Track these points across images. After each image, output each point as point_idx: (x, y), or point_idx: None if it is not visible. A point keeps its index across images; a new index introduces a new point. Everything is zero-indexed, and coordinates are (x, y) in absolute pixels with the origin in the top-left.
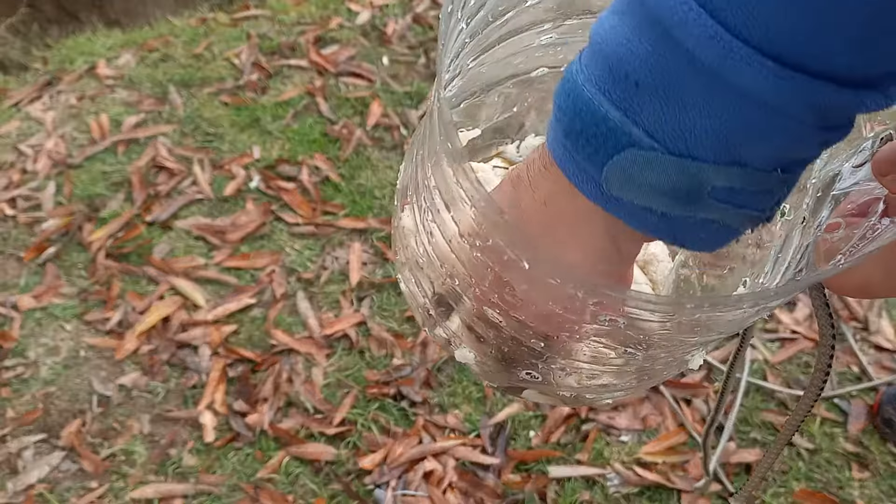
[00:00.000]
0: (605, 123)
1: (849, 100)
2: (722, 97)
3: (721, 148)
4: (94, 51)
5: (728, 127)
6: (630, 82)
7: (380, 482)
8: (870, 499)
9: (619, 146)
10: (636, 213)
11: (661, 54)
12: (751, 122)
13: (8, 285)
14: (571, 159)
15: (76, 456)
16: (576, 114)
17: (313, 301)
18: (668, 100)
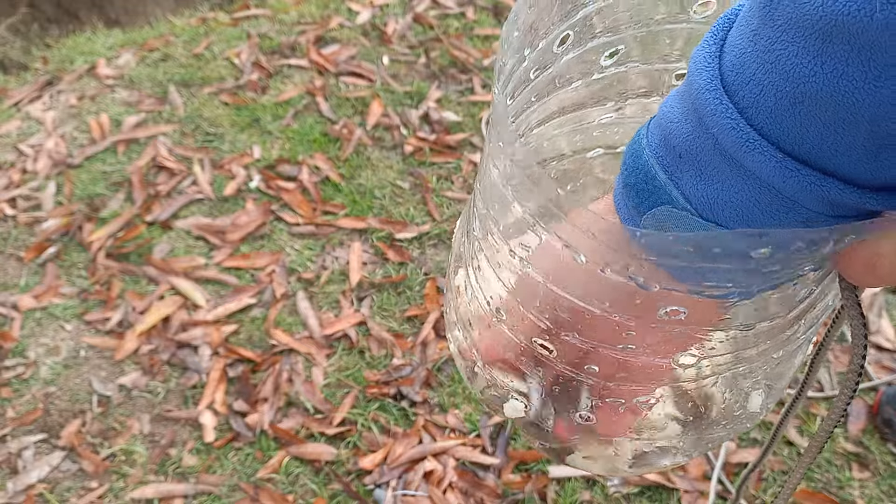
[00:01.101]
0: (652, 182)
1: (857, 198)
2: (739, 179)
3: (741, 221)
4: (94, 50)
5: (745, 205)
6: (675, 153)
7: (380, 482)
8: (870, 499)
9: (660, 202)
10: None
11: (697, 136)
12: (764, 203)
13: (8, 285)
14: (624, 205)
15: (76, 456)
16: (633, 169)
17: (313, 301)
18: (700, 173)
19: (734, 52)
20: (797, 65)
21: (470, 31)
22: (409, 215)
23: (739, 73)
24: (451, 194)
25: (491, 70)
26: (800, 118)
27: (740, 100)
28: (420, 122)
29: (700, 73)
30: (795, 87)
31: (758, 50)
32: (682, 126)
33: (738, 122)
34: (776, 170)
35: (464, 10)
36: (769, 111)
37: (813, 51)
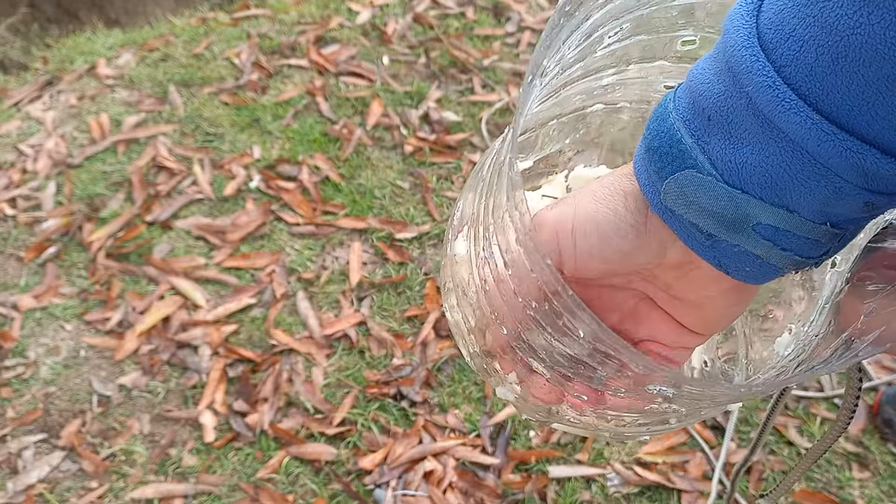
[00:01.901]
0: (677, 146)
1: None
2: (771, 140)
3: (768, 187)
4: (94, 50)
5: (775, 169)
6: (704, 116)
7: (380, 482)
8: (870, 499)
9: (683, 167)
10: (686, 227)
11: (730, 95)
12: (794, 168)
13: (8, 285)
14: (645, 170)
15: (76, 456)
16: (658, 133)
17: (313, 301)
18: (729, 135)
19: (773, 7)
20: (841, 17)
21: (470, 31)
22: (409, 215)
23: (778, 30)
24: (451, 194)
25: (491, 70)
26: (841, 76)
27: (778, 57)
28: (420, 122)
29: (737, 31)
30: (839, 40)
31: (798, 4)
32: (713, 86)
33: (774, 81)
34: (811, 132)
35: (464, 10)
36: (808, 69)
37: (859, 0)
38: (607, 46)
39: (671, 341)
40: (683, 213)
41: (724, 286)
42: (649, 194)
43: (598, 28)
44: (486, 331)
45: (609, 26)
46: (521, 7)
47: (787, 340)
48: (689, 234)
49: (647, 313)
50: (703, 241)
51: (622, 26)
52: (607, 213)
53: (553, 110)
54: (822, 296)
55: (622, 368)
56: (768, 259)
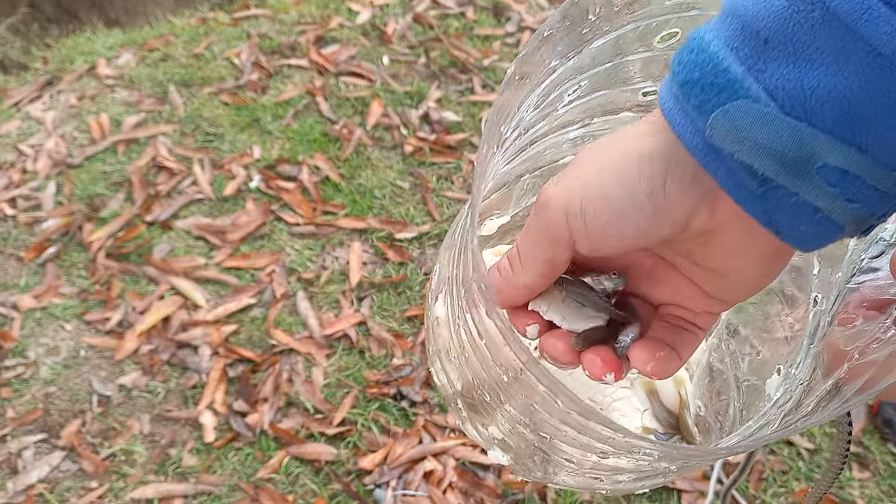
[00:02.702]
0: (724, 75)
1: None
2: (853, 54)
3: (841, 119)
4: (94, 50)
5: (853, 93)
6: (760, 39)
7: (380, 482)
8: (870, 499)
9: (734, 98)
10: (734, 173)
11: (797, 10)
12: (878, 88)
13: (8, 285)
14: (680, 109)
15: (76, 456)
16: (696, 65)
17: (313, 301)
18: (795, 56)
19: None
20: None
21: (470, 31)
22: (409, 215)
23: None
24: (451, 194)
25: (491, 70)
26: None
27: None
28: (420, 122)
29: None
30: None
31: None
32: (771, 4)
33: None
34: None
35: (464, 10)
36: None
37: None
38: (569, 104)
39: (695, 306)
40: (735, 151)
41: (752, 255)
42: (687, 135)
43: (555, 88)
44: (473, 393)
45: (567, 85)
46: (521, 7)
47: (777, 382)
48: (738, 181)
49: (666, 275)
50: (755, 188)
51: (580, 84)
52: (619, 184)
53: (524, 165)
54: (805, 335)
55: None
56: (829, 213)
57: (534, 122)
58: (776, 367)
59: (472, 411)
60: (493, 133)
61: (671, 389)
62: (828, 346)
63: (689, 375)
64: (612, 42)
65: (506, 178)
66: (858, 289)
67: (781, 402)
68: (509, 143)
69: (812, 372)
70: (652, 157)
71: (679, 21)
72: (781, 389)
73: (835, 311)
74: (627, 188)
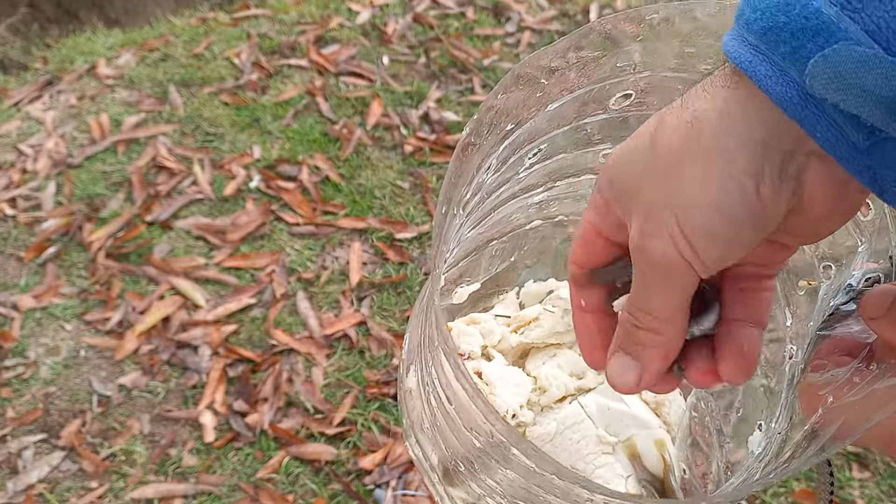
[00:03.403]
0: (816, 17)
1: None
2: None
3: None
4: (94, 50)
5: None
6: None
7: (380, 482)
8: (870, 499)
9: (832, 41)
10: (837, 126)
11: None
12: None
13: (8, 285)
14: (765, 60)
15: (76, 456)
16: (779, 9)
17: (313, 301)
18: None
19: None
20: None
21: (470, 31)
22: (409, 215)
23: None
24: None
25: (491, 70)
26: None
27: None
28: (420, 122)
29: None
30: None
31: None
32: None
33: None
34: None
35: (464, 10)
36: None
37: None
38: (530, 167)
39: (768, 261)
40: (840, 100)
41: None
42: (778, 88)
43: (514, 151)
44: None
45: (526, 148)
46: (521, 7)
47: (759, 438)
48: (840, 135)
49: None
50: (861, 142)
51: (539, 147)
52: (722, 218)
53: (490, 231)
54: (782, 388)
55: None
56: None
57: (495, 185)
58: (757, 424)
59: (449, 484)
60: (449, 195)
61: (654, 453)
62: (802, 392)
63: (672, 438)
64: (568, 105)
65: (473, 244)
66: (829, 335)
67: (762, 455)
68: (472, 206)
69: (789, 420)
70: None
71: (631, 82)
72: (763, 444)
73: (807, 358)
74: (729, 219)
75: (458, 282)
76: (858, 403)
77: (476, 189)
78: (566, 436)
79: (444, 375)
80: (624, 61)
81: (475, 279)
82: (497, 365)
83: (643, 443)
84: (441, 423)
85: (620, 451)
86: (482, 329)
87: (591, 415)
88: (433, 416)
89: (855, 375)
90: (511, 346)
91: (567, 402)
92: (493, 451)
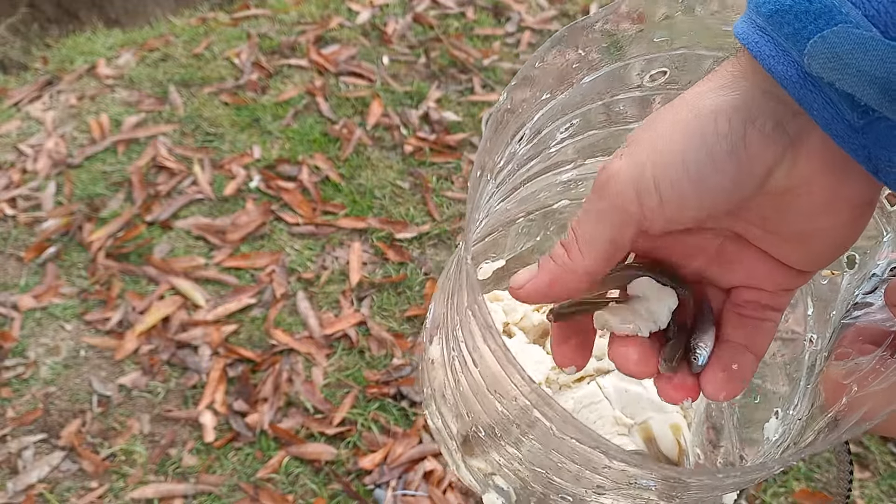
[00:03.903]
0: (819, 2)
1: None
2: None
3: None
4: (94, 50)
5: None
6: None
7: (380, 482)
8: (870, 499)
9: (832, 24)
10: (833, 104)
11: None
12: None
13: (8, 285)
14: (770, 41)
15: (76, 456)
16: None
17: (313, 301)
18: None
19: None
20: None
21: (470, 31)
22: (409, 215)
23: None
24: (451, 194)
25: (491, 70)
26: None
27: None
28: (420, 122)
29: None
30: None
31: None
32: None
33: None
34: None
35: (464, 10)
36: None
37: None
38: (561, 142)
39: (771, 285)
40: (836, 79)
41: (839, 210)
42: (780, 67)
43: (547, 122)
44: (468, 431)
45: (559, 122)
46: (521, 7)
47: (775, 425)
48: (836, 113)
49: (737, 254)
50: (856, 120)
51: (572, 122)
52: (696, 146)
53: (517, 208)
54: (801, 375)
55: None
56: None
57: (527, 157)
58: (774, 411)
59: (468, 452)
60: (483, 161)
61: (670, 437)
62: (825, 379)
63: (688, 423)
64: (602, 79)
65: (501, 218)
66: (854, 324)
67: (780, 441)
68: (503, 175)
69: (810, 408)
70: (728, 111)
71: (667, 59)
72: (780, 430)
73: (831, 346)
74: (704, 150)
75: (484, 257)
76: (883, 392)
77: (509, 158)
78: (583, 415)
79: (471, 338)
80: (661, 37)
81: (500, 256)
82: (518, 342)
83: (659, 426)
84: (465, 388)
85: (636, 434)
86: (505, 306)
87: (608, 396)
88: (456, 382)
89: (879, 364)
90: (533, 325)
91: (585, 383)
92: (516, 414)
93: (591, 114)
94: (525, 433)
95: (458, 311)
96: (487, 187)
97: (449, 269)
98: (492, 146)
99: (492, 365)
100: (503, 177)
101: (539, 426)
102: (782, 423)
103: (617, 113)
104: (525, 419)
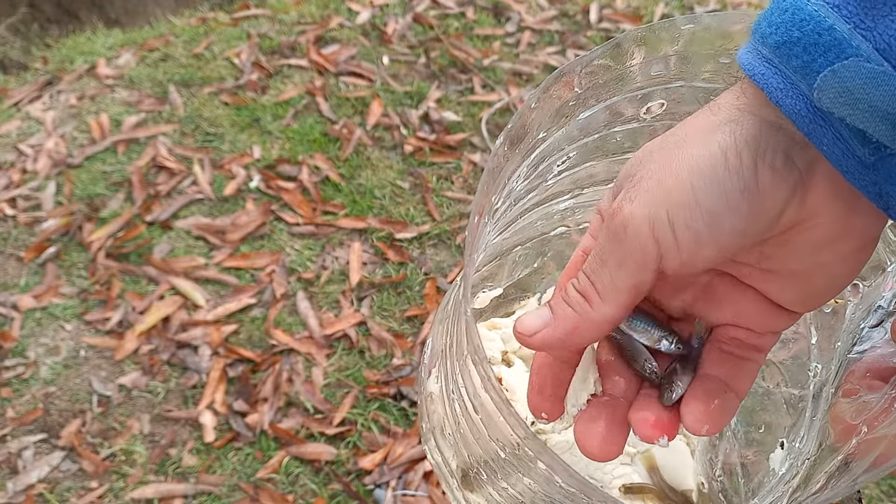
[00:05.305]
0: (829, 34)
1: None
2: None
3: None
4: (94, 50)
5: None
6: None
7: (380, 482)
8: (870, 499)
9: (842, 57)
10: (843, 140)
11: None
12: None
13: (8, 285)
14: (777, 73)
15: (76, 456)
16: (794, 24)
17: (313, 301)
18: None
19: None
20: None
21: (470, 31)
22: (409, 215)
23: None
24: (451, 194)
25: (491, 70)
26: None
27: None
28: (420, 122)
29: None
30: None
31: None
32: None
33: None
34: None
35: (464, 10)
36: None
37: None
38: (558, 175)
39: (759, 325)
40: (847, 115)
41: (843, 246)
42: (788, 100)
43: (544, 159)
44: (469, 471)
45: (556, 156)
46: (521, 7)
47: (782, 456)
48: (846, 149)
49: (726, 291)
50: (867, 156)
51: (569, 155)
52: (707, 186)
53: (515, 238)
54: (807, 406)
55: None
56: None
57: (524, 192)
58: (779, 441)
59: (467, 488)
60: (482, 203)
61: (673, 466)
62: (834, 418)
63: (692, 451)
64: (599, 113)
65: (498, 249)
66: (861, 358)
67: (788, 477)
68: (500, 213)
69: (819, 446)
70: (738, 147)
71: (664, 92)
72: (787, 464)
73: (838, 381)
74: (717, 188)
75: (481, 286)
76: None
77: (506, 196)
78: None
79: (471, 384)
80: (657, 70)
81: (498, 284)
82: (517, 371)
83: (662, 455)
84: (465, 430)
85: (639, 462)
86: (503, 334)
87: None
88: (456, 423)
89: (889, 403)
90: (531, 353)
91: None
92: (517, 462)
93: (588, 147)
94: (527, 478)
95: (457, 355)
96: (485, 229)
97: (447, 305)
98: (488, 189)
99: (492, 413)
100: (500, 214)
101: (540, 474)
102: (789, 454)
103: (614, 144)
104: (526, 467)
